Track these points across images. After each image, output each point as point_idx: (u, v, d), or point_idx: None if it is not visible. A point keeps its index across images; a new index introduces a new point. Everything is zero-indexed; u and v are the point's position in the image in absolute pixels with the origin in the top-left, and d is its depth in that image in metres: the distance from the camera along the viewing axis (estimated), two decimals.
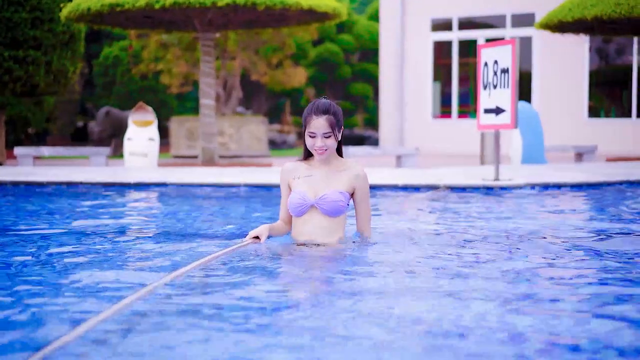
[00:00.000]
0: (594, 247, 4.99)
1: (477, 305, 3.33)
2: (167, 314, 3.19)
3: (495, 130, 9.20)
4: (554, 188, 8.78)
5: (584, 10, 15.32)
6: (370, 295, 3.53)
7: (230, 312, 3.26)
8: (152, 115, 14.40)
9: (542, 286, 3.76)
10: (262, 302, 3.45)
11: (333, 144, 4.52)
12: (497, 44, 9.02)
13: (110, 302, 3.32)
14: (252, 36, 25.07)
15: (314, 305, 3.36)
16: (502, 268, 4.16)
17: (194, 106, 32.34)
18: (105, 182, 9.36)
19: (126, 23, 15.99)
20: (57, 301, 3.51)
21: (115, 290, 3.70)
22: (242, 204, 7.91)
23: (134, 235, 5.72)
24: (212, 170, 11.41)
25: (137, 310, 3.21)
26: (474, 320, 3.09)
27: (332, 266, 4.24)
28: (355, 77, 34.38)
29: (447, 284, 3.75)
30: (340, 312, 3.24)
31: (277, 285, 3.87)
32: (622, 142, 20.66)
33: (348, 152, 15.08)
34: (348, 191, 4.61)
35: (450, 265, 4.28)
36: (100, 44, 30.23)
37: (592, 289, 3.75)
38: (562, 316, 3.17)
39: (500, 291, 3.62)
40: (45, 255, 4.74)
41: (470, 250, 4.78)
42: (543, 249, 4.90)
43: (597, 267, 4.31)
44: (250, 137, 22.74)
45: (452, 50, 23.61)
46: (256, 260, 4.31)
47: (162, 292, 3.52)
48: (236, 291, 3.61)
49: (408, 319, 3.15)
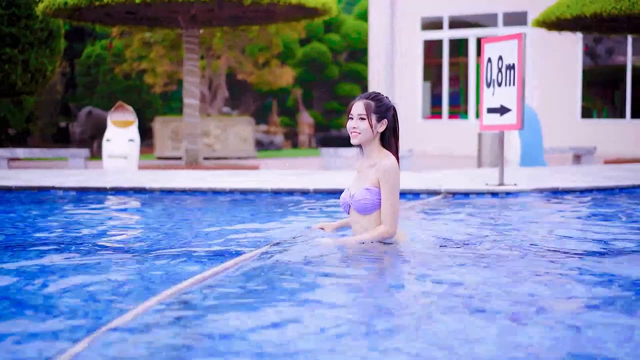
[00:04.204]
0: (619, 261, 4.41)
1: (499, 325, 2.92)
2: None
3: (499, 131, 8.58)
4: (563, 193, 8.18)
5: (583, 7, 14.79)
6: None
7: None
8: (133, 115, 13.67)
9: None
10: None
11: (366, 129, 4.52)
12: (502, 39, 8.41)
13: (77, 327, 3.03)
14: (238, 35, 24.52)
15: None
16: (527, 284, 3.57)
17: (179, 106, 31.69)
18: (79, 187, 8.66)
19: (107, 19, 15.31)
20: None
21: (76, 312, 3.19)
22: (228, 212, 7.25)
23: (102, 250, 5.06)
24: (195, 174, 10.75)
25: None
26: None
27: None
28: (343, 77, 33.84)
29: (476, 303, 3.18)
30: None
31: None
32: (617, 143, 20.26)
33: (337, 154, 14.48)
34: (375, 186, 4.56)
35: (470, 280, 3.70)
36: (83, 42, 29.58)
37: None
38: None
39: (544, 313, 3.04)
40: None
41: (482, 263, 4.18)
42: (563, 264, 4.31)
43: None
44: (236, 138, 22.19)
45: (443, 50, 23.15)
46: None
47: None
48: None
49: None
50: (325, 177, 9.88)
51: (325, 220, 5.65)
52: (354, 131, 4.54)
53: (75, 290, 3.73)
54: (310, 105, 33.81)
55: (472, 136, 18.90)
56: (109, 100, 27.38)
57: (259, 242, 5.07)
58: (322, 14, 14.50)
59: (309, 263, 4.28)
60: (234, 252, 4.70)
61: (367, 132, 4.54)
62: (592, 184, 8.58)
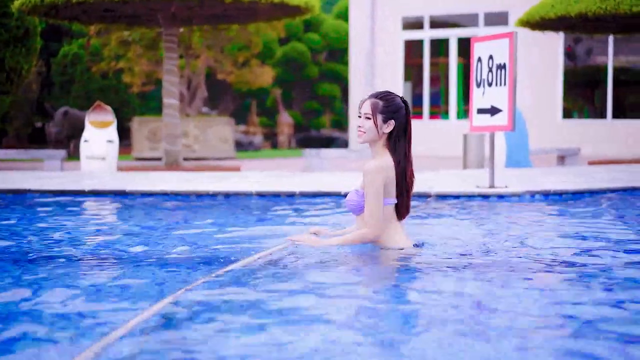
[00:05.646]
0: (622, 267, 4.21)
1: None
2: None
3: (490, 132, 8.37)
4: (555, 196, 7.98)
5: (568, 7, 14.65)
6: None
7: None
8: (111, 115, 13.33)
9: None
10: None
11: (371, 128, 4.43)
12: (492, 38, 8.19)
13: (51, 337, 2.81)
14: (217, 34, 24.24)
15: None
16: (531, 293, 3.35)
17: (157, 106, 31.32)
18: (56, 190, 8.35)
19: (84, 17, 14.97)
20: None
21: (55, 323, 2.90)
22: (215, 215, 6.99)
23: (80, 258, 4.78)
24: (177, 175, 10.47)
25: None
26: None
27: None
28: (322, 77, 33.62)
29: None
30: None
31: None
32: (598, 143, 20.21)
33: (319, 155, 14.25)
34: (363, 188, 4.50)
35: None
36: (60, 41, 29.17)
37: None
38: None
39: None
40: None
41: (483, 274, 3.95)
42: (563, 272, 4.10)
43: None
44: (216, 138, 21.93)
45: (424, 50, 23.00)
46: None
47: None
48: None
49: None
50: (311, 178, 9.65)
51: (316, 224, 5.49)
52: (359, 130, 4.48)
53: (50, 302, 3.47)
54: (289, 106, 33.58)
55: (454, 137, 18.74)
56: (85, 100, 27.00)
57: (249, 247, 4.85)
58: (305, 12, 14.26)
59: (305, 268, 4.15)
60: (222, 259, 4.47)
61: (371, 131, 4.45)
62: (584, 186, 8.39)
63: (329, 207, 7.42)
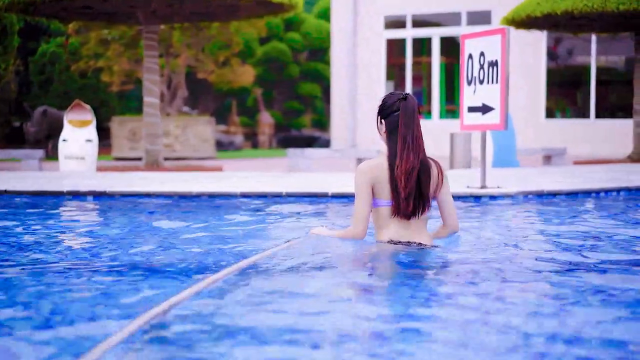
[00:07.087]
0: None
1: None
2: None
3: (481, 131, 8.16)
4: (549, 196, 7.79)
5: (554, 5, 14.49)
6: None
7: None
8: (90, 114, 13.02)
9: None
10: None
11: (378, 129, 4.54)
12: (483, 34, 7.97)
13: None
14: (197, 33, 23.95)
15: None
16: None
17: (136, 105, 31.00)
18: (33, 191, 8.06)
19: (63, 14, 14.66)
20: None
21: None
22: (202, 217, 6.73)
23: (57, 262, 4.51)
24: (158, 176, 10.20)
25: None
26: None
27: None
28: (303, 76, 33.38)
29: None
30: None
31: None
32: (582, 143, 20.13)
33: (304, 155, 14.02)
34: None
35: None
36: (37, 40, 28.79)
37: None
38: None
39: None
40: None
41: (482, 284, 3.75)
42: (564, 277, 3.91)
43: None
44: (196, 138, 21.68)
45: (406, 49, 22.85)
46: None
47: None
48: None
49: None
50: (297, 179, 9.42)
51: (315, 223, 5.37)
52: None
53: (27, 308, 3.22)
54: (270, 105, 33.32)
55: (437, 136, 18.56)
56: (64, 99, 26.66)
57: (243, 250, 4.63)
58: (288, 10, 14.02)
59: (310, 268, 4.04)
60: (211, 263, 4.24)
61: (378, 132, 4.56)
62: (577, 186, 8.20)
63: (320, 208, 7.21)
